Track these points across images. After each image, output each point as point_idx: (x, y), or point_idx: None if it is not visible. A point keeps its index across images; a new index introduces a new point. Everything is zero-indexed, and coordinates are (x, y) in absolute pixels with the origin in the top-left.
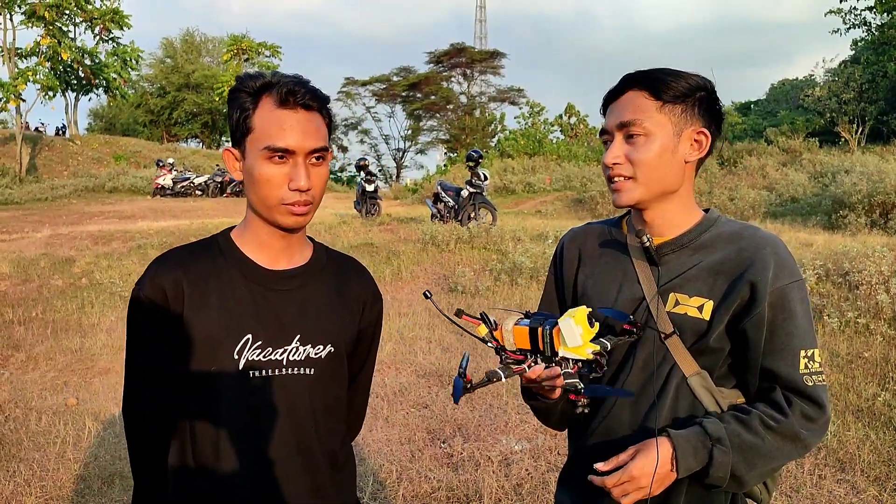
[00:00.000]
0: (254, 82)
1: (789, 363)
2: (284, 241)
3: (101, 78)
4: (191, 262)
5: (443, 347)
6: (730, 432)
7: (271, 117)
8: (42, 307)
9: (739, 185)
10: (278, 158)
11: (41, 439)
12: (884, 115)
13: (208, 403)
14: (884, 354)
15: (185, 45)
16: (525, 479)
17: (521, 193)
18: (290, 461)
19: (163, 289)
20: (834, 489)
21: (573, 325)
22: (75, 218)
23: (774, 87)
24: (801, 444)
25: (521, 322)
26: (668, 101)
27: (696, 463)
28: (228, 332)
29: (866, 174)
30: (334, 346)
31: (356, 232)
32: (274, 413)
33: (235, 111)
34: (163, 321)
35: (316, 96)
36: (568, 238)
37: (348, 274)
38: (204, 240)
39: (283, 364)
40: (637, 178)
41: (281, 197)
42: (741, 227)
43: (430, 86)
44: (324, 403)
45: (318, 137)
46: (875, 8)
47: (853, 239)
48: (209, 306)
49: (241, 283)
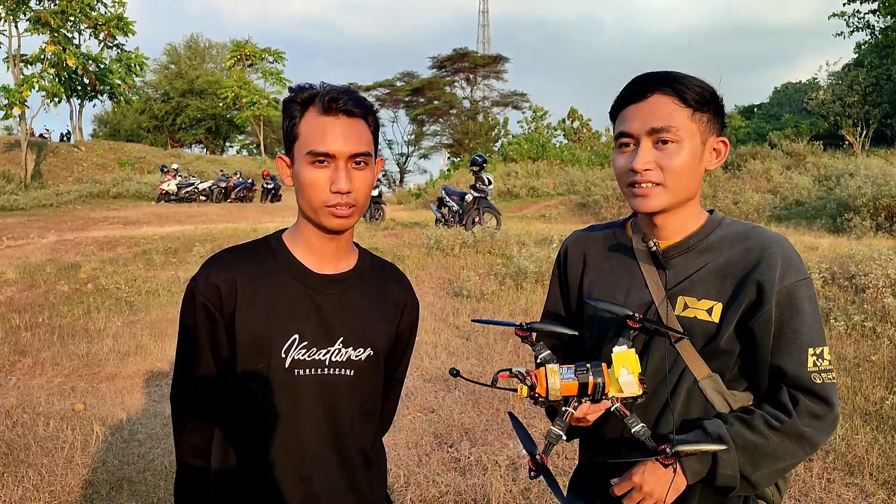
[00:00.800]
0: (303, 93)
1: (797, 360)
2: (332, 245)
3: (106, 84)
4: (243, 263)
5: (449, 352)
6: (732, 432)
7: (315, 124)
8: (48, 313)
9: (744, 188)
10: (320, 163)
11: (49, 444)
12: (888, 118)
13: (254, 399)
14: (891, 358)
15: (189, 50)
16: (533, 483)
17: (525, 198)
18: (328, 458)
19: (217, 287)
20: (843, 493)
21: (629, 376)
22: (80, 224)
23: (778, 91)
24: (807, 443)
25: (565, 376)
26: (697, 110)
27: (700, 465)
28: (277, 331)
29: (871, 177)
30: (374, 349)
31: (360, 237)
32: (315, 410)
33: (286, 120)
34: (214, 318)
35: (359, 104)
36: (571, 240)
37: (389, 280)
38: (256, 241)
39: (326, 364)
40: (666, 184)
41: (324, 200)
42: (746, 227)
43: (434, 90)
44: (360, 404)
45: (359, 143)
46: (879, 11)
47: (858, 242)
48: (260, 305)
49: (291, 285)
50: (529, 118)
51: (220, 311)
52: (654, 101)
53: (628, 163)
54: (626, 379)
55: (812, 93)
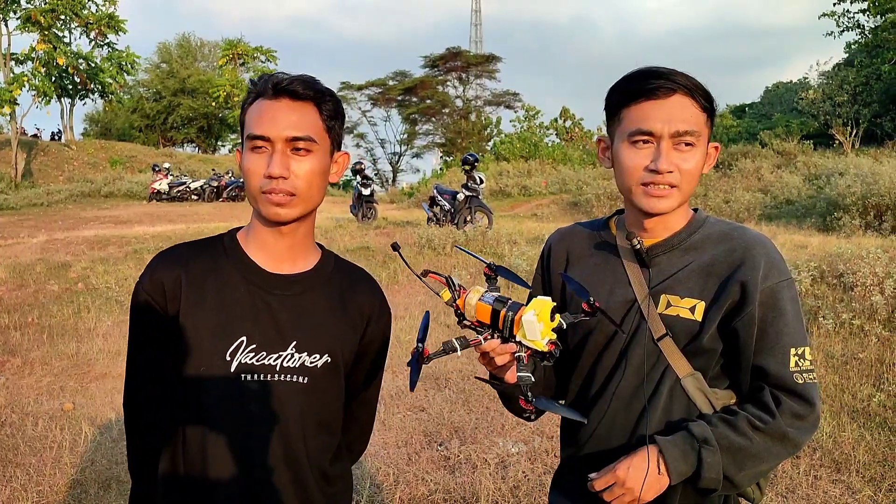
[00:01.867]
0: (255, 82)
1: (779, 361)
2: (286, 242)
3: (97, 83)
4: (192, 260)
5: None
6: (717, 434)
7: (254, 108)
8: (38, 312)
9: (735, 187)
10: (257, 148)
11: (37, 444)
12: (878, 117)
13: (198, 405)
14: (879, 355)
15: (181, 49)
16: (522, 481)
17: (517, 197)
18: (278, 470)
19: (161, 284)
20: (829, 490)
21: (535, 322)
22: (71, 223)
23: (769, 90)
24: (790, 444)
25: (485, 298)
26: (709, 115)
27: (686, 466)
28: (223, 332)
29: (860, 176)
30: (331, 356)
31: (352, 236)
32: (263, 419)
33: (241, 112)
34: (159, 317)
35: (308, 86)
36: (555, 238)
37: (354, 284)
38: (209, 238)
39: (277, 370)
40: (681, 187)
41: (259, 185)
42: (730, 227)
43: (426, 90)
44: (315, 414)
45: (299, 126)
46: (868, 10)
47: (848, 241)
48: (205, 305)
49: (241, 285)
50: (522, 117)
51: (164, 309)
52: (677, 101)
53: (645, 161)
54: (528, 318)
55: (802, 92)
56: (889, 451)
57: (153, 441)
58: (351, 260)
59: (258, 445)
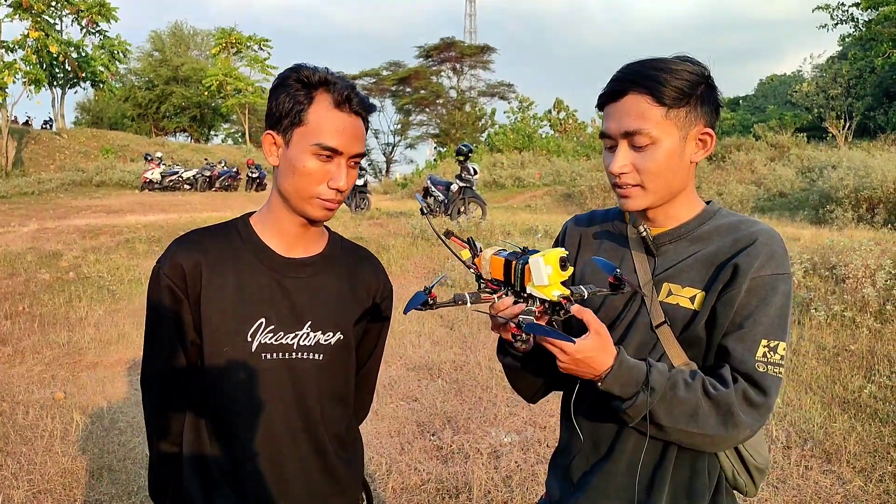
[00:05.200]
0: (312, 74)
1: (746, 347)
2: (304, 230)
3: (88, 71)
4: (210, 245)
5: (433, 341)
6: (668, 385)
7: (328, 116)
8: (29, 301)
9: (728, 180)
10: (325, 157)
11: (28, 433)
12: (871, 110)
13: (222, 384)
14: (870, 347)
15: (174, 38)
16: (514, 471)
17: (511, 188)
18: (300, 441)
19: (182, 269)
20: (820, 480)
21: (542, 264)
22: (62, 212)
23: (763, 83)
24: (731, 423)
25: (501, 253)
26: (673, 106)
27: (619, 392)
28: (243, 315)
29: (853, 169)
30: (343, 333)
31: (346, 226)
32: (283, 395)
33: (287, 99)
34: (180, 300)
35: (368, 106)
36: (571, 223)
37: (361, 264)
38: (222, 224)
39: (294, 348)
40: (644, 186)
41: (317, 192)
42: (740, 220)
43: (420, 80)
44: (331, 388)
45: (362, 143)
46: (862, 4)
47: (840, 233)
48: (225, 289)
49: (258, 269)
50: (516, 109)
51: (185, 293)
52: (629, 101)
53: (608, 164)
54: (535, 259)
55: (796, 85)
56: (879, 442)
57: (171, 412)
58: None
59: (280, 419)
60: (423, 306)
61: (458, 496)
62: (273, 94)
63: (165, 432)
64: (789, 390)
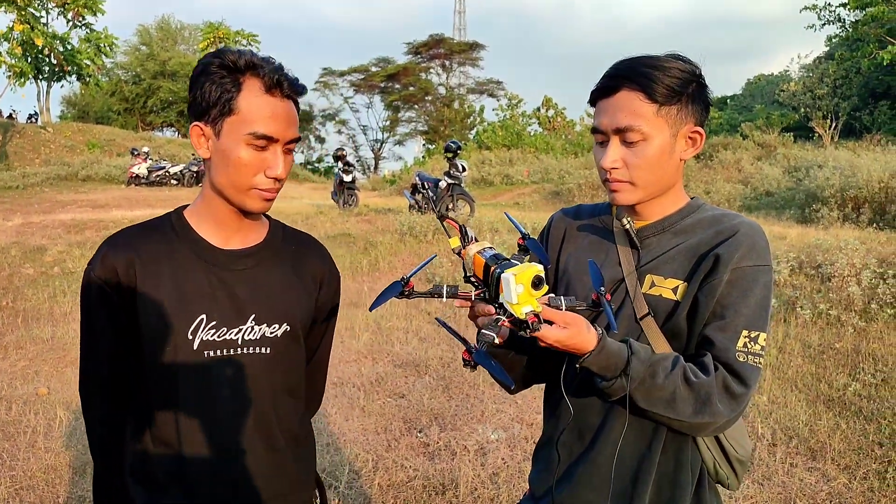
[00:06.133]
0: (237, 58)
1: (727, 337)
2: (241, 222)
3: (74, 65)
4: (143, 242)
5: (420, 338)
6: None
7: (259, 102)
8: (12, 296)
9: (715, 178)
10: (259, 146)
11: (11, 429)
12: (857, 110)
13: (166, 385)
14: (855, 345)
15: (161, 32)
16: (501, 468)
17: (499, 185)
18: (251, 440)
19: (115, 269)
20: (805, 477)
21: (513, 283)
22: (47, 206)
23: (751, 83)
24: (707, 411)
25: (484, 253)
26: (664, 104)
27: (598, 371)
28: (182, 312)
29: (839, 169)
30: (290, 325)
31: (333, 222)
32: (231, 393)
33: (213, 88)
34: (116, 302)
35: (299, 88)
36: (557, 216)
37: (305, 252)
38: (156, 219)
39: (239, 344)
40: (634, 181)
41: (254, 183)
42: (723, 213)
43: (409, 77)
44: (282, 382)
45: (296, 127)
46: (849, 4)
47: (826, 232)
48: (162, 287)
49: (196, 264)
50: (504, 106)
51: (119, 293)
52: (621, 97)
53: (599, 159)
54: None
55: (783, 85)
56: (863, 440)
57: (113, 420)
58: (332, 247)
59: (229, 418)
60: (399, 295)
61: (445, 493)
62: (195, 83)
63: (108, 440)
64: (775, 388)
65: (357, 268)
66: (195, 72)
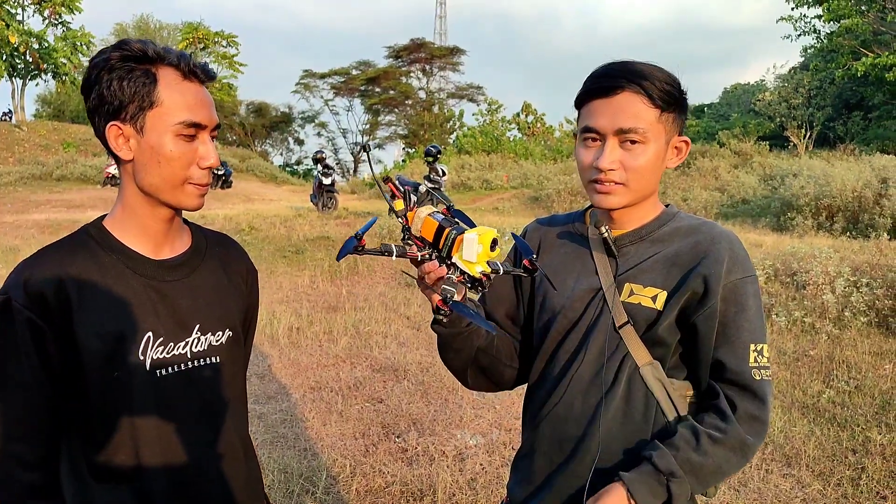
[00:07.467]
0: (144, 48)
1: (739, 356)
2: (168, 226)
3: (50, 63)
4: (69, 261)
5: (399, 342)
6: (680, 461)
7: (181, 90)
8: None
9: (693, 185)
10: (188, 135)
11: None
12: (831, 120)
13: (120, 411)
14: (829, 353)
15: (139, 31)
16: (479, 473)
17: (479, 190)
18: (214, 455)
19: (41, 294)
20: (780, 483)
21: (475, 242)
22: (21, 206)
23: (728, 91)
24: (749, 450)
25: (436, 216)
26: (665, 110)
27: (655, 500)
28: (127, 332)
29: (813, 178)
30: (232, 329)
31: (312, 225)
32: (190, 409)
33: (125, 83)
34: (45, 332)
35: (209, 73)
36: (532, 227)
37: (229, 252)
38: (73, 235)
39: (188, 357)
40: (628, 184)
41: (188, 176)
42: (699, 222)
43: (389, 80)
44: (232, 388)
45: (216, 113)
46: (823, 16)
47: (801, 240)
48: (99, 308)
49: (130, 279)
50: (484, 111)
51: (49, 322)
52: (623, 98)
53: (593, 159)
54: (469, 236)
55: (760, 94)
56: (837, 447)
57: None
58: (310, 250)
59: (187, 435)
60: (354, 251)
61: (423, 499)
62: (97, 82)
63: (37, 491)
64: None
65: (336, 271)
66: (92, 69)
